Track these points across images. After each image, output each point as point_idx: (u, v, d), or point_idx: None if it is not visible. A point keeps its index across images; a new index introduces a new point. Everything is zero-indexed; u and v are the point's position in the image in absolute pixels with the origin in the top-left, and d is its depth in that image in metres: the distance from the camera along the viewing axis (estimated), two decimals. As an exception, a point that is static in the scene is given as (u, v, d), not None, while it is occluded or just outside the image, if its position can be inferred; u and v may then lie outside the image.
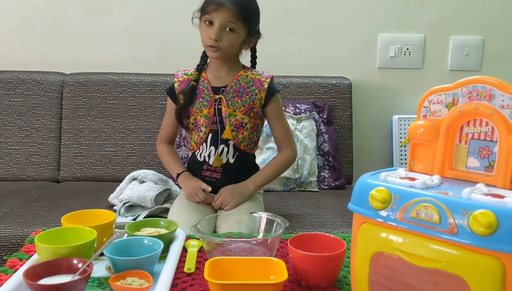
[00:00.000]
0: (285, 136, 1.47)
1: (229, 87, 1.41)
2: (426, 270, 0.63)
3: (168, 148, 1.52)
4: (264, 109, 1.44)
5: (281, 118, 1.46)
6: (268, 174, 1.45)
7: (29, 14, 2.11)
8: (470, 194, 0.62)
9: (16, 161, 1.96)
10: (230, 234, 1.08)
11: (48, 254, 0.81)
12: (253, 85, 1.41)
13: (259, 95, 1.41)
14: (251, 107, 1.41)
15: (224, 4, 1.30)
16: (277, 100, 1.45)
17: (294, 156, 1.49)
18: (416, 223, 0.64)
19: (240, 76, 1.42)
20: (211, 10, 1.31)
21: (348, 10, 2.16)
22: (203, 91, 1.42)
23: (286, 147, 1.47)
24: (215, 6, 1.30)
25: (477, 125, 0.70)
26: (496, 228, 0.57)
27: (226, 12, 1.30)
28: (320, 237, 0.91)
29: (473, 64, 2.20)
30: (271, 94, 1.42)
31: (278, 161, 1.47)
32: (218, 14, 1.31)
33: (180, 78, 1.45)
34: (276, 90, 1.44)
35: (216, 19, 1.31)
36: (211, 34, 1.32)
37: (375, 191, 0.68)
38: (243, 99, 1.40)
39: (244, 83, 1.41)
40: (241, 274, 0.79)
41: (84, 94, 2.00)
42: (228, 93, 1.40)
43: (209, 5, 1.32)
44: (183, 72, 1.46)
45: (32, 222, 1.47)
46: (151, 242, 0.88)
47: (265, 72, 1.44)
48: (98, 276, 0.84)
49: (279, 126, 1.46)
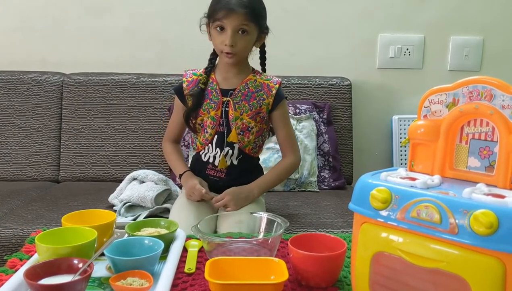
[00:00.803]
0: (290, 142, 1.47)
1: (237, 90, 1.40)
2: (426, 270, 0.63)
3: (173, 147, 1.52)
4: (271, 115, 1.44)
5: (286, 124, 1.47)
6: (272, 180, 1.46)
7: (29, 14, 2.11)
8: (471, 194, 0.62)
9: (16, 161, 1.96)
10: (231, 234, 1.08)
11: (49, 254, 0.81)
12: (261, 90, 1.41)
13: (266, 100, 1.41)
14: (258, 112, 1.41)
15: (235, 9, 1.29)
16: (284, 106, 1.45)
17: (297, 162, 1.49)
18: (416, 222, 0.64)
19: (249, 80, 1.42)
20: (222, 17, 1.30)
21: (348, 10, 2.16)
22: (211, 92, 1.41)
23: (290, 153, 1.47)
24: (226, 12, 1.29)
25: (477, 126, 0.70)
26: (497, 228, 0.57)
27: (237, 17, 1.30)
28: (320, 237, 0.91)
29: (473, 64, 2.20)
30: (279, 100, 1.42)
31: (281, 167, 1.47)
32: (230, 20, 1.30)
33: (189, 78, 1.45)
34: (283, 96, 1.45)
35: (228, 25, 1.31)
36: (226, 40, 1.31)
37: (376, 190, 0.68)
38: (250, 103, 1.40)
39: (252, 87, 1.41)
40: (242, 274, 0.79)
41: (84, 94, 2.00)
42: (236, 96, 1.40)
43: (218, 11, 1.30)
44: (192, 72, 1.46)
45: (32, 222, 1.46)
46: (152, 242, 0.88)
47: (274, 78, 1.45)
48: (98, 276, 0.84)
49: (284, 132, 1.46)
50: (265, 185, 1.44)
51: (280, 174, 1.47)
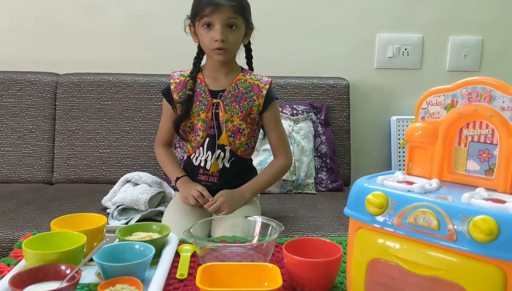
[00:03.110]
0: (281, 143, 1.45)
1: (227, 92, 1.38)
2: (424, 278, 0.61)
3: (167, 151, 1.50)
4: (261, 116, 1.41)
5: (278, 125, 1.45)
6: (264, 181, 1.44)
7: (22, 13, 2.08)
8: (470, 199, 0.60)
9: (9, 163, 1.93)
10: (224, 238, 1.06)
11: (36, 260, 0.79)
12: (252, 91, 1.39)
13: (257, 101, 1.39)
14: (248, 113, 1.39)
15: (221, 3, 1.27)
16: (275, 107, 1.43)
17: (289, 164, 1.47)
18: (414, 229, 0.62)
19: (238, 80, 1.39)
20: (209, 12, 1.28)
21: (345, 9, 2.14)
22: (200, 94, 1.39)
23: (281, 154, 1.45)
24: (213, 8, 1.28)
25: (476, 128, 0.69)
26: (497, 235, 0.55)
27: (225, 10, 1.28)
28: (316, 242, 0.89)
29: (472, 64, 2.18)
30: (270, 101, 1.40)
31: (273, 169, 1.45)
32: (217, 15, 1.28)
33: (177, 79, 1.42)
34: (274, 96, 1.42)
35: (216, 20, 1.29)
36: (216, 36, 1.29)
37: (372, 195, 0.66)
38: (241, 105, 1.38)
39: (242, 88, 1.39)
40: (235, 281, 0.78)
41: (78, 95, 1.97)
42: (226, 98, 1.38)
43: (205, 7, 1.28)
44: (179, 74, 1.44)
45: (23, 225, 1.44)
46: (142, 247, 0.86)
47: (264, 77, 1.42)
48: (87, 282, 0.83)
49: (276, 133, 1.44)
50: (257, 187, 1.42)
51: (272, 175, 1.44)
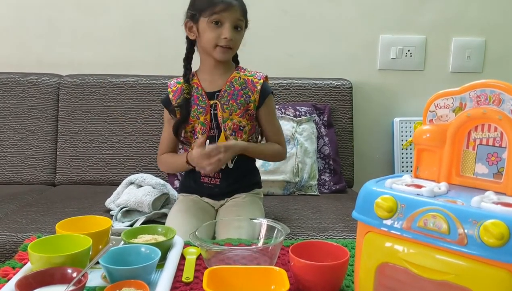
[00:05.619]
0: (278, 138, 1.44)
1: (223, 91, 1.38)
2: (434, 282, 0.61)
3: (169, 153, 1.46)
4: (258, 111, 1.40)
5: (274, 120, 1.44)
6: (259, 148, 1.42)
7: (24, 14, 2.08)
8: (480, 203, 0.59)
9: (11, 164, 1.93)
10: (230, 240, 1.06)
11: (42, 263, 0.79)
12: (246, 87, 1.38)
13: (252, 97, 1.38)
14: (246, 109, 1.38)
15: (233, 4, 1.30)
16: (271, 101, 1.42)
17: (284, 154, 1.46)
18: (423, 233, 0.61)
19: (233, 78, 1.39)
20: (221, 10, 1.29)
21: (348, 11, 2.14)
22: (197, 98, 1.38)
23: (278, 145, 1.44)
24: (225, 6, 1.29)
25: (485, 131, 0.68)
26: (508, 239, 0.55)
27: (236, 11, 1.31)
28: (322, 245, 0.88)
29: (475, 66, 2.18)
30: (265, 96, 1.39)
31: (273, 147, 1.43)
32: (228, 14, 1.30)
33: (174, 87, 1.42)
34: (269, 91, 1.40)
35: (226, 19, 1.30)
36: (226, 34, 1.30)
37: (381, 199, 0.65)
38: (238, 102, 1.37)
39: (237, 85, 1.38)
40: (241, 284, 0.77)
41: (80, 96, 1.97)
42: (222, 97, 1.37)
43: (217, 5, 1.30)
44: (175, 81, 1.44)
45: (26, 227, 1.43)
46: (148, 250, 0.86)
47: (258, 73, 1.41)
48: (93, 285, 0.82)
49: (272, 127, 1.43)
50: (252, 148, 1.38)
51: (268, 150, 1.42)
